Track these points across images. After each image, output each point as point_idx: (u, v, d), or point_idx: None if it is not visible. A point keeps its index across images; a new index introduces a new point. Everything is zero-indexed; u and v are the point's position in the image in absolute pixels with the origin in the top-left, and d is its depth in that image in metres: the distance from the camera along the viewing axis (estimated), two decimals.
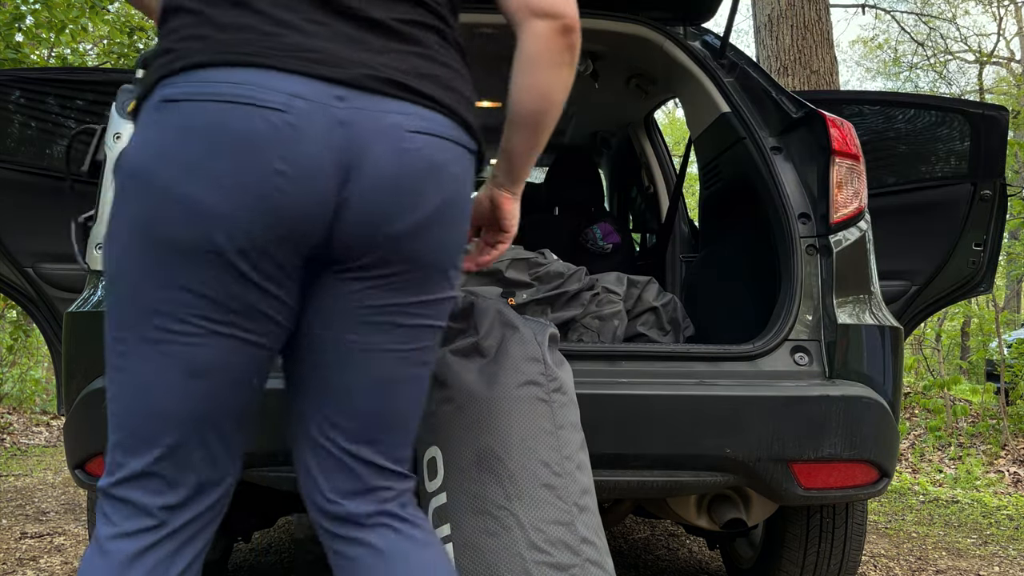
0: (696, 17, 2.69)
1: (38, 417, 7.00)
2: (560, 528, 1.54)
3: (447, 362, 1.68)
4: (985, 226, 2.61)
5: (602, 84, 3.03)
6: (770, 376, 1.97)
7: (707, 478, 1.89)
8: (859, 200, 2.10)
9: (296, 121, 1.05)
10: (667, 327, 2.48)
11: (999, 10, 18.69)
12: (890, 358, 2.04)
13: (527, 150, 1.35)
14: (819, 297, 2.05)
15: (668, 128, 18.44)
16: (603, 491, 1.83)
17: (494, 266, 2.37)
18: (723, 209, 2.69)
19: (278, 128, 1.04)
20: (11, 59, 5.49)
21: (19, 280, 2.25)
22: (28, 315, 3.18)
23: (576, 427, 1.70)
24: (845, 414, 1.87)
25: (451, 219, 1.18)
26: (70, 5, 5.88)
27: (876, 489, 1.95)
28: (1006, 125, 2.62)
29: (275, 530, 3.49)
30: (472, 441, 1.60)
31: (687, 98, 2.70)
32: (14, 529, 3.50)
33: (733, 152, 2.40)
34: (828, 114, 2.14)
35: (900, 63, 20.46)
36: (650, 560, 3.16)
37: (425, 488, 1.66)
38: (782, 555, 2.38)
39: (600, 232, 3.69)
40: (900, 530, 3.95)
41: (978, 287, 2.69)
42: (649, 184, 3.91)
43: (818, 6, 6.76)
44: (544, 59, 1.25)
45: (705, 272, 2.82)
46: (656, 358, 2.00)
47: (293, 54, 1.07)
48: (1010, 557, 3.51)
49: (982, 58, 19.39)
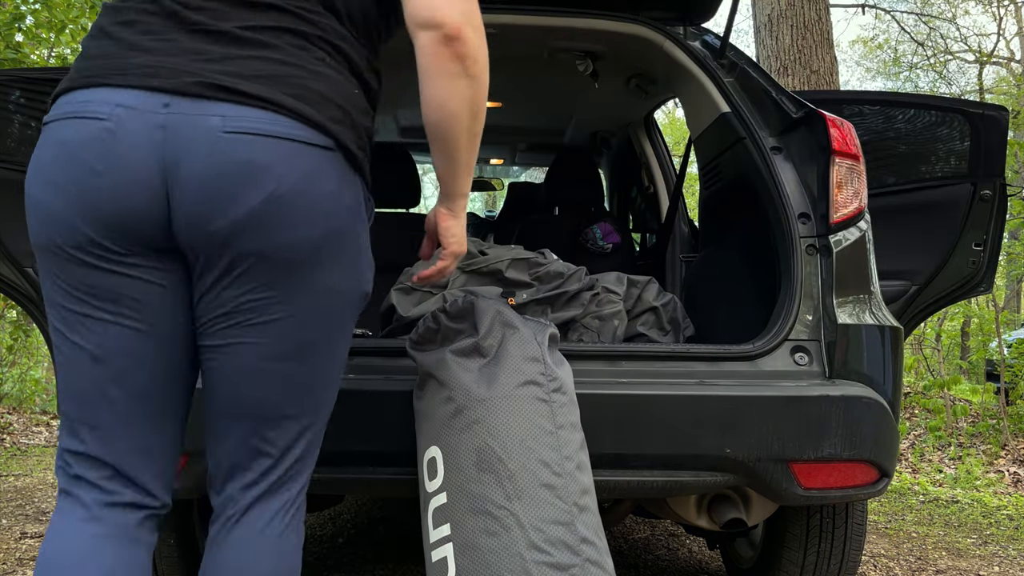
0: (696, 17, 2.69)
1: (38, 417, 7.00)
2: (560, 528, 1.54)
3: (447, 362, 1.69)
4: (985, 226, 2.61)
5: (602, 84, 3.04)
6: (770, 376, 1.97)
7: (707, 478, 1.89)
8: (859, 200, 2.10)
9: (115, 127, 1.17)
10: (667, 327, 2.48)
11: (999, 10, 18.69)
12: (890, 358, 2.04)
13: (445, 165, 1.38)
14: (819, 297, 2.05)
15: (668, 128, 18.43)
16: (603, 491, 1.83)
17: (494, 266, 2.37)
18: (723, 209, 2.69)
19: (96, 135, 1.17)
20: (11, 59, 5.49)
21: (19, 280, 2.25)
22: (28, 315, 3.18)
23: (576, 427, 1.70)
24: (845, 414, 1.87)
25: (285, 217, 1.20)
26: (70, 5, 5.88)
27: (876, 489, 1.95)
28: (1006, 125, 2.62)
29: None
30: (472, 441, 1.60)
31: (687, 98, 2.70)
32: (14, 529, 3.50)
33: (733, 152, 2.40)
34: (828, 114, 2.14)
35: (900, 63, 20.46)
36: (650, 560, 3.16)
37: (425, 488, 1.66)
38: (782, 555, 2.38)
39: (600, 232, 3.70)
40: (900, 530, 3.95)
41: (978, 287, 2.68)
42: (649, 184, 3.91)
43: (818, 6, 6.76)
44: (433, 71, 1.28)
45: (705, 272, 2.82)
46: (656, 358, 2.00)
47: (133, 71, 1.20)
48: (1010, 557, 3.51)
49: (982, 58, 19.39)
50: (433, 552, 1.60)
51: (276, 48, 1.24)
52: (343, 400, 1.84)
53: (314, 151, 1.23)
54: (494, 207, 14.10)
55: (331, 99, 1.26)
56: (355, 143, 1.29)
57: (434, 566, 1.59)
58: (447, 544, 1.57)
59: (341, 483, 1.87)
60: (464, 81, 1.28)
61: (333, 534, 3.45)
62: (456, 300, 1.83)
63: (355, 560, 3.06)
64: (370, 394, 1.83)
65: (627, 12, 2.63)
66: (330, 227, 1.26)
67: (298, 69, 1.24)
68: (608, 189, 4.83)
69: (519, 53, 2.96)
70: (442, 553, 1.57)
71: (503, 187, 5.94)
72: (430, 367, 1.71)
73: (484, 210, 12.15)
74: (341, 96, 1.28)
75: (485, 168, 5.90)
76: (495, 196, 13.40)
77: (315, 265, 1.25)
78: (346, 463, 1.83)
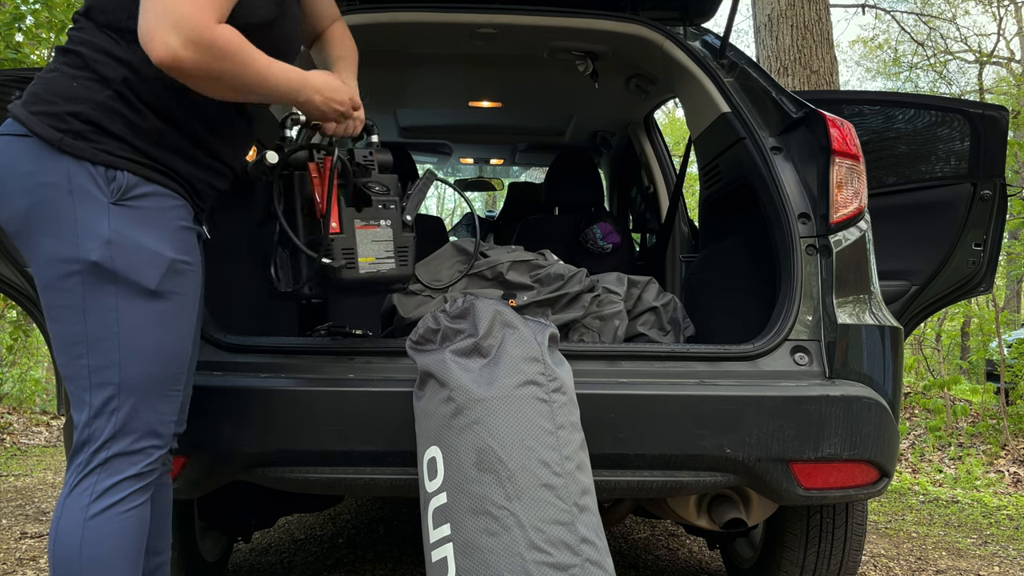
0: (696, 17, 2.69)
1: (38, 417, 6.99)
2: (560, 528, 1.54)
3: (447, 362, 1.68)
4: (985, 226, 2.61)
5: (602, 84, 3.04)
6: (770, 376, 1.97)
7: (707, 478, 1.88)
8: (859, 200, 2.10)
9: None
10: (667, 327, 2.48)
11: (999, 10, 18.67)
12: (890, 358, 2.04)
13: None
14: (819, 297, 2.05)
15: (668, 128, 18.42)
16: (603, 491, 1.83)
17: (496, 269, 2.37)
18: (723, 209, 2.69)
19: None
20: (11, 59, 5.49)
21: (19, 280, 2.26)
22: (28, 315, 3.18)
23: (576, 427, 1.70)
24: (845, 414, 1.87)
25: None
26: (70, 5, 5.88)
27: (876, 489, 1.95)
28: (1006, 125, 2.62)
29: (275, 530, 3.49)
30: (472, 441, 1.60)
31: (687, 98, 2.70)
32: (14, 529, 3.50)
33: (733, 152, 2.40)
34: (828, 114, 2.14)
35: (900, 63, 20.44)
36: (650, 560, 3.16)
37: (425, 488, 1.66)
38: (782, 555, 2.38)
39: (600, 232, 3.70)
40: (900, 530, 3.95)
41: (978, 287, 2.68)
42: (649, 184, 3.91)
43: (818, 6, 6.76)
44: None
45: (705, 272, 2.82)
46: (656, 358, 2.00)
47: None
48: (1010, 557, 3.51)
49: (982, 58, 19.38)
50: (433, 552, 1.60)
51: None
52: (344, 400, 1.84)
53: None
54: (494, 207, 14.10)
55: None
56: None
57: (434, 566, 1.59)
58: (447, 544, 1.57)
59: (341, 483, 1.87)
60: (207, 88, 1.48)
61: (333, 534, 3.45)
62: (456, 300, 1.83)
63: (355, 560, 3.06)
64: (370, 394, 1.83)
65: (627, 12, 2.63)
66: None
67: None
68: (608, 189, 4.83)
69: (519, 53, 2.96)
70: (442, 553, 1.58)
71: (503, 187, 5.93)
72: (430, 367, 1.71)
73: (484, 210, 12.16)
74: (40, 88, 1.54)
75: (485, 168, 5.90)
76: (495, 196, 13.40)
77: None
78: (346, 463, 1.83)
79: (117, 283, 1.47)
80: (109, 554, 1.48)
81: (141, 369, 1.50)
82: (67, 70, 1.52)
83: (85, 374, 1.49)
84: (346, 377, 1.88)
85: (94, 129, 1.49)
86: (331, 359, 1.94)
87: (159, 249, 1.50)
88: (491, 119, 4.20)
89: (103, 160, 1.48)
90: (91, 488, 1.48)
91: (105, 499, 1.48)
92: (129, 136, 1.50)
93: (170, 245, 1.52)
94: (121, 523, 1.49)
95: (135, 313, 1.49)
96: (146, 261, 1.49)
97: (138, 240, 1.48)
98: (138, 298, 1.49)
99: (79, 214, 1.46)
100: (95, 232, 1.46)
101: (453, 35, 2.77)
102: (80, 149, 1.47)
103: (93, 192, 1.47)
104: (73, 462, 1.51)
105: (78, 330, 1.48)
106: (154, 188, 1.52)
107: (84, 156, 1.47)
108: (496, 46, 2.83)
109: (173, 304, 1.54)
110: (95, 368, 1.48)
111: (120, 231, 1.47)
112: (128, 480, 1.50)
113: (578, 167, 3.96)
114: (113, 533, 1.48)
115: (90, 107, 1.49)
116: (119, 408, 1.49)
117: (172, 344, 1.55)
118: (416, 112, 4.18)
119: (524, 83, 3.58)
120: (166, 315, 1.53)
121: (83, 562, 1.46)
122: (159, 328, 1.52)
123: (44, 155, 1.47)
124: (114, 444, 1.49)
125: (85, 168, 1.47)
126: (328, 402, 1.81)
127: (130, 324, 1.49)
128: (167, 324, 1.53)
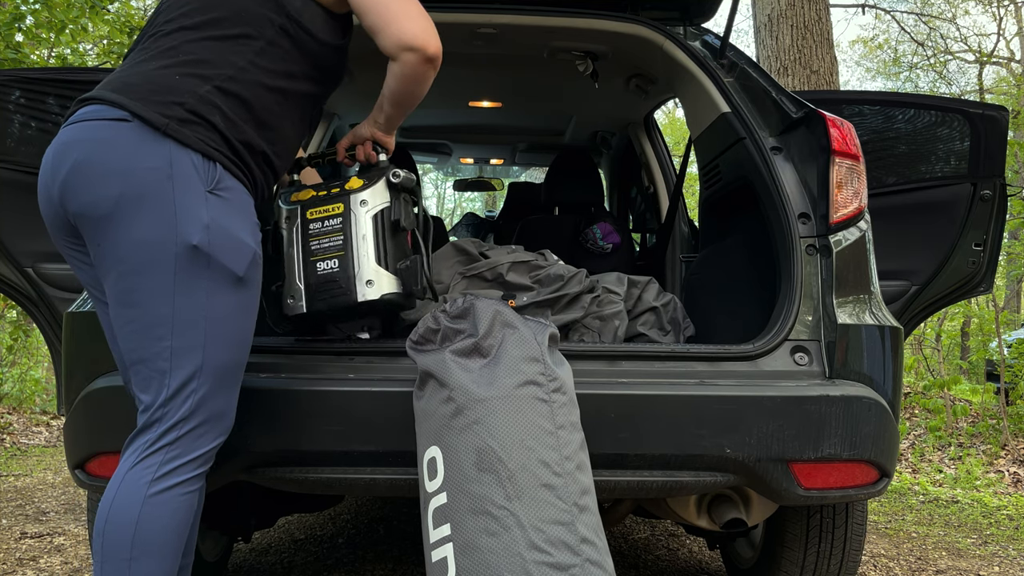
0: (696, 17, 2.69)
1: (38, 417, 6.99)
2: (560, 528, 1.54)
3: (447, 362, 1.68)
4: (985, 226, 2.61)
5: (602, 84, 3.04)
6: (770, 376, 1.97)
7: (707, 478, 1.88)
8: (859, 200, 2.10)
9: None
10: (667, 327, 2.48)
11: (999, 10, 18.67)
12: (890, 358, 2.04)
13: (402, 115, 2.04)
14: (819, 297, 2.05)
15: (668, 128, 18.43)
16: (603, 491, 1.83)
17: (495, 270, 2.37)
18: (723, 209, 2.69)
19: None
20: (11, 59, 5.49)
21: (19, 280, 2.26)
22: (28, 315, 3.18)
23: (576, 427, 1.70)
24: (845, 414, 1.87)
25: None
26: (70, 5, 5.88)
27: (876, 489, 1.95)
28: (1006, 125, 2.62)
29: (275, 530, 3.49)
30: (472, 441, 1.60)
31: (687, 98, 2.70)
32: (14, 529, 3.50)
33: (733, 152, 2.40)
34: (828, 114, 2.14)
35: (900, 63, 20.44)
36: (650, 560, 3.16)
37: (425, 488, 1.66)
38: (782, 555, 2.38)
39: (600, 232, 3.70)
40: (900, 530, 3.95)
41: (978, 287, 2.68)
42: (649, 184, 3.91)
43: (818, 6, 6.76)
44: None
45: (705, 272, 2.82)
46: (656, 358, 2.00)
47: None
48: (1010, 557, 3.51)
49: (982, 58, 19.38)
50: (433, 552, 1.60)
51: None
52: (344, 401, 1.84)
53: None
54: (494, 207, 14.10)
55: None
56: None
57: (434, 566, 1.59)
58: (447, 544, 1.57)
59: (341, 483, 1.87)
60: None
61: (333, 534, 3.45)
62: (456, 300, 1.83)
63: (355, 560, 3.06)
64: (370, 394, 1.83)
65: (627, 12, 2.63)
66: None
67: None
68: (608, 189, 4.83)
69: (519, 53, 2.96)
70: (442, 553, 1.58)
71: (503, 187, 5.93)
72: (430, 367, 1.71)
73: (484, 210, 12.15)
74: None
75: (485, 168, 5.90)
76: (495, 196, 13.40)
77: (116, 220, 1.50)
78: (346, 463, 1.83)
79: (211, 268, 1.52)
80: (161, 533, 1.49)
81: (221, 354, 1.55)
82: (169, 68, 1.60)
83: (167, 356, 1.51)
84: (346, 377, 1.88)
85: (197, 119, 1.55)
86: (331, 359, 1.94)
87: (246, 239, 1.57)
88: (491, 119, 4.20)
89: (203, 149, 1.54)
90: (155, 467, 1.50)
91: (167, 480, 1.51)
92: (225, 130, 1.57)
93: (252, 237, 1.59)
94: (178, 505, 1.52)
95: (222, 298, 1.54)
96: (237, 248, 1.55)
97: (230, 228, 1.54)
98: (227, 284, 1.54)
99: (178, 199, 1.50)
100: (196, 217, 1.51)
101: (453, 35, 2.77)
102: (185, 136, 1.52)
103: (193, 179, 1.52)
104: (138, 440, 1.53)
105: (164, 312, 1.51)
106: (235, 183, 1.60)
107: (188, 143, 1.52)
108: (496, 46, 2.83)
109: (252, 293, 1.60)
110: (177, 350, 1.51)
111: (216, 218, 1.53)
112: (191, 463, 1.53)
113: (578, 167, 3.96)
114: (169, 514, 1.50)
115: (193, 99, 1.55)
116: (196, 391, 1.52)
117: (247, 332, 1.61)
118: (416, 112, 4.17)
119: (524, 83, 3.57)
120: (246, 303, 1.59)
121: (137, 538, 1.47)
122: (240, 315, 1.58)
123: (147, 139, 1.51)
124: (185, 425, 1.52)
125: (187, 155, 1.52)
126: (328, 402, 1.81)
127: (217, 309, 1.54)
128: (247, 311, 1.60)
